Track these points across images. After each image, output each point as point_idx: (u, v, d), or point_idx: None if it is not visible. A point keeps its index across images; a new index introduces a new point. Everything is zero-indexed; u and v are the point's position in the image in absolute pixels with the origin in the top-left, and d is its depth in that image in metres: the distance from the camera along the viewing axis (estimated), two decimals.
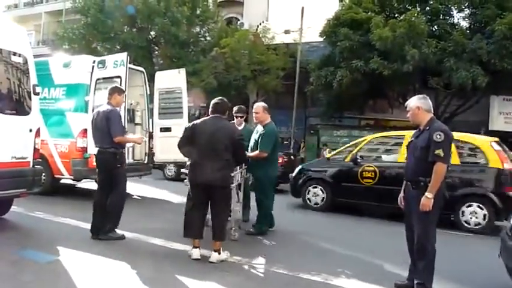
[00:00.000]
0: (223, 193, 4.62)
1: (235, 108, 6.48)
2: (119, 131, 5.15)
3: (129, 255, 4.56)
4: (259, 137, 5.84)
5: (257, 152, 5.78)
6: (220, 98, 4.88)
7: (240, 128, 6.39)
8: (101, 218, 5.19)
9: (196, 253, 4.52)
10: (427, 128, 3.90)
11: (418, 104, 4.01)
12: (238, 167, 5.40)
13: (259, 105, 6.03)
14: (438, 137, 3.75)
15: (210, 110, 4.76)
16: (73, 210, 6.71)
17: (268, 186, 6.02)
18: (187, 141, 4.62)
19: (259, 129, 5.95)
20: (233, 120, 6.44)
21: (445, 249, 6.05)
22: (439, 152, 3.72)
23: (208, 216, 4.77)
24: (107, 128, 5.09)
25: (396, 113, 18.04)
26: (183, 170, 6.21)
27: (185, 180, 4.92)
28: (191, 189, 4.68)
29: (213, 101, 4.77)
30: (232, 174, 4.93)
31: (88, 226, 5.30)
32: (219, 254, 4.51)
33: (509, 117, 16.13)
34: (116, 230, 5.19)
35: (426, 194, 3.74)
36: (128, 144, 5.88)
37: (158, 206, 8.30)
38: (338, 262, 4.92)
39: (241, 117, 6.63)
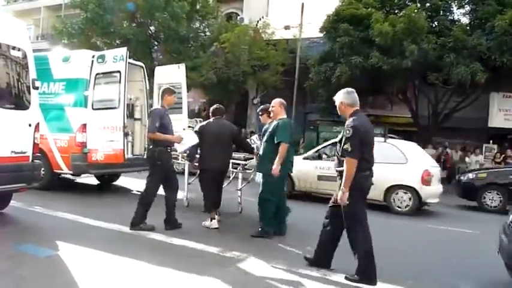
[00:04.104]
0: (224, 176, 6.23)
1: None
2: (151, 128, 5.43)
3: (128, 250, 4.57)
4: (273, 130, 5.55)
5: (279, 150, 5.34)
6: (218, 104, 6.23)
7: (266, 124, 6.11)
8: (172, 211, 5.75)
9: (215, 223, 5.73)
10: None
11: (341, 99, 4.18)
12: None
13: (276, 100, 5.85)
14: (347, 132, 3.87)
15: (211, 113, 6.09)
16: (72, 205, 6.71)
17: (276, 185, 5.53)
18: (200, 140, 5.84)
19: (274, 123, 5.69)
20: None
21: (443, 246, 6.10)
22: (347, 146, 3.81)
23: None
24: None
25: (396, 109, 18.05)
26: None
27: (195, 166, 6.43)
28: (202, 174, 5.96)
29: (213, 107, 6.13)
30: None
31: (87, 221, 5.30)
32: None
33: (508, 114, 16.11)
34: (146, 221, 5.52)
35: (341, 187, 3.83)
36: (130, 139, 6.11)
37: (157, 201, 8.27)
38: (338, 258, 4.92)
39: (263, 114, 6.50)
